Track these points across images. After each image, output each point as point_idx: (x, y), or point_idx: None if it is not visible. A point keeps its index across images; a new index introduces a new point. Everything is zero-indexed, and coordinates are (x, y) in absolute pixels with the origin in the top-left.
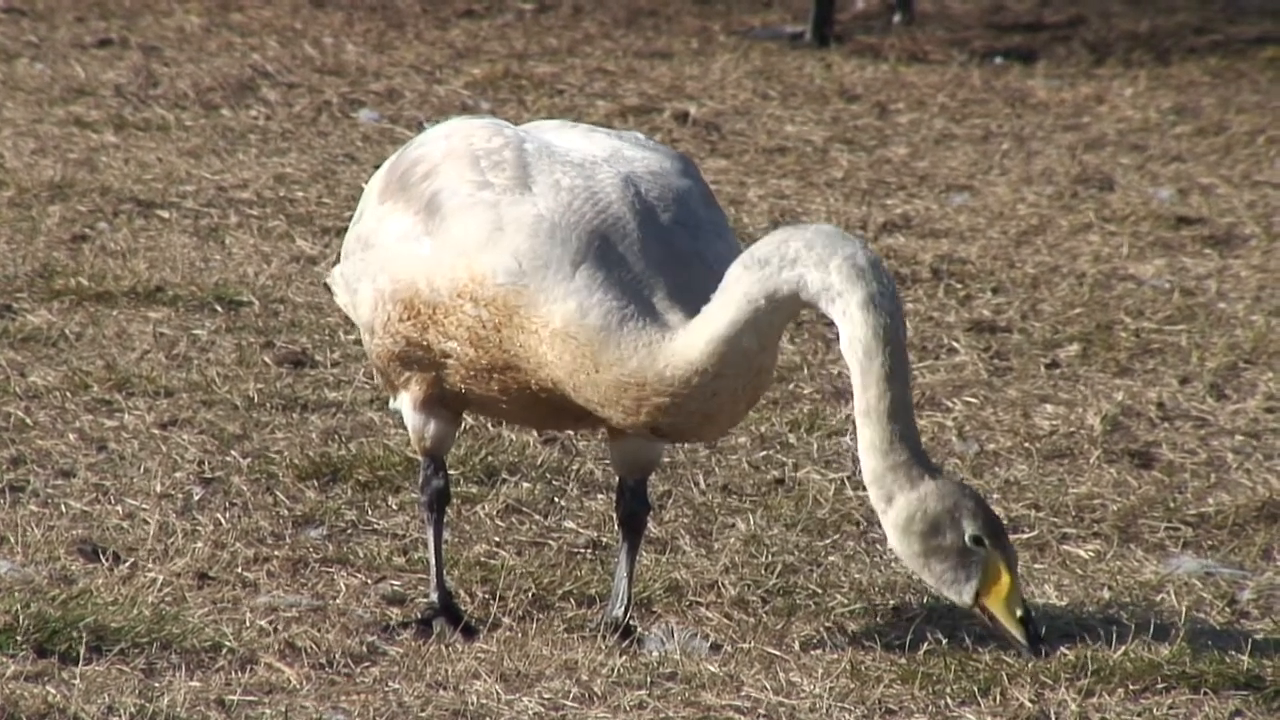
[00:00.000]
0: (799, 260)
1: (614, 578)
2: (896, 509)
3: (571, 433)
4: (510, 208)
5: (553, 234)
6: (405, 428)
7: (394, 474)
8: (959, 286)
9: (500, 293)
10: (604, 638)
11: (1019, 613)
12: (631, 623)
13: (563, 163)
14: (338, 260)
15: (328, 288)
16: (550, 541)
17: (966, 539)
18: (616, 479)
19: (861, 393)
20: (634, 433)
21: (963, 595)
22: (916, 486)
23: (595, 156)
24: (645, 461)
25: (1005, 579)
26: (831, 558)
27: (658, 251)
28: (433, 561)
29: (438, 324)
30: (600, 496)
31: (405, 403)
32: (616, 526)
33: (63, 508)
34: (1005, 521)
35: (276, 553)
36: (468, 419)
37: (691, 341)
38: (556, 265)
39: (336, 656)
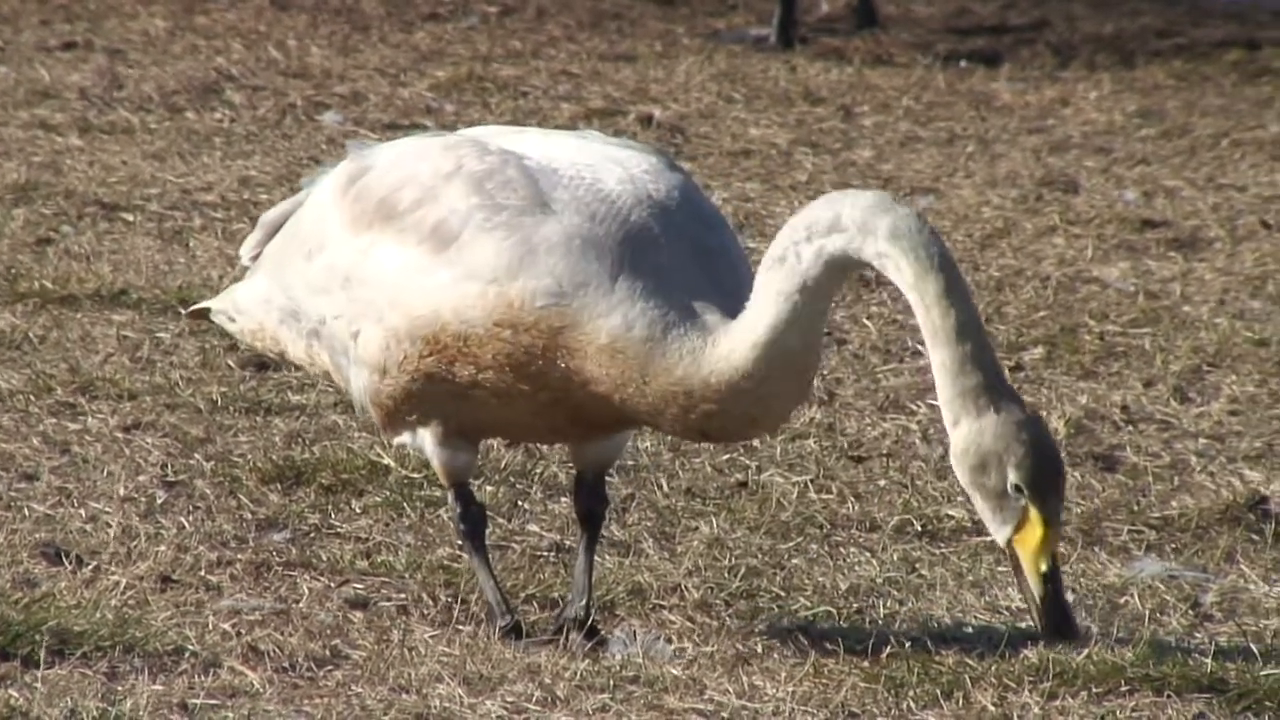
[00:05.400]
0: (812, 234)
1: (574, 573)
2: (956, 436)
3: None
4: (536, 228)
5: (586, 250)
6: (427, 460)
7: (357, 477)
8: None
9: (543, 316)
10: (566, 635)
11: (1043, 568)
12: (595, 621)
13: (569, 176)
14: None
15: (201, 314)
16: (514, 545)
17: (1008, 484)
18: (575, 473)
19: (925, 315)
20: (684, 438)
21: (998, 535)
22: (977, 418)
23: (590, 163)
24: (606, 458)
25: (1038, 532)
26: (795, 561)
27: (684, 251)
28: (490, 588)
29: (469, 355)
30: (564, 500)
31: (426, 439)
32: (576, 523)
33: (26, 511)
34: (1064, 480)
35: (240, 556)
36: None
37: (734, 347)
38: (597, 281)
39: (299, 660)
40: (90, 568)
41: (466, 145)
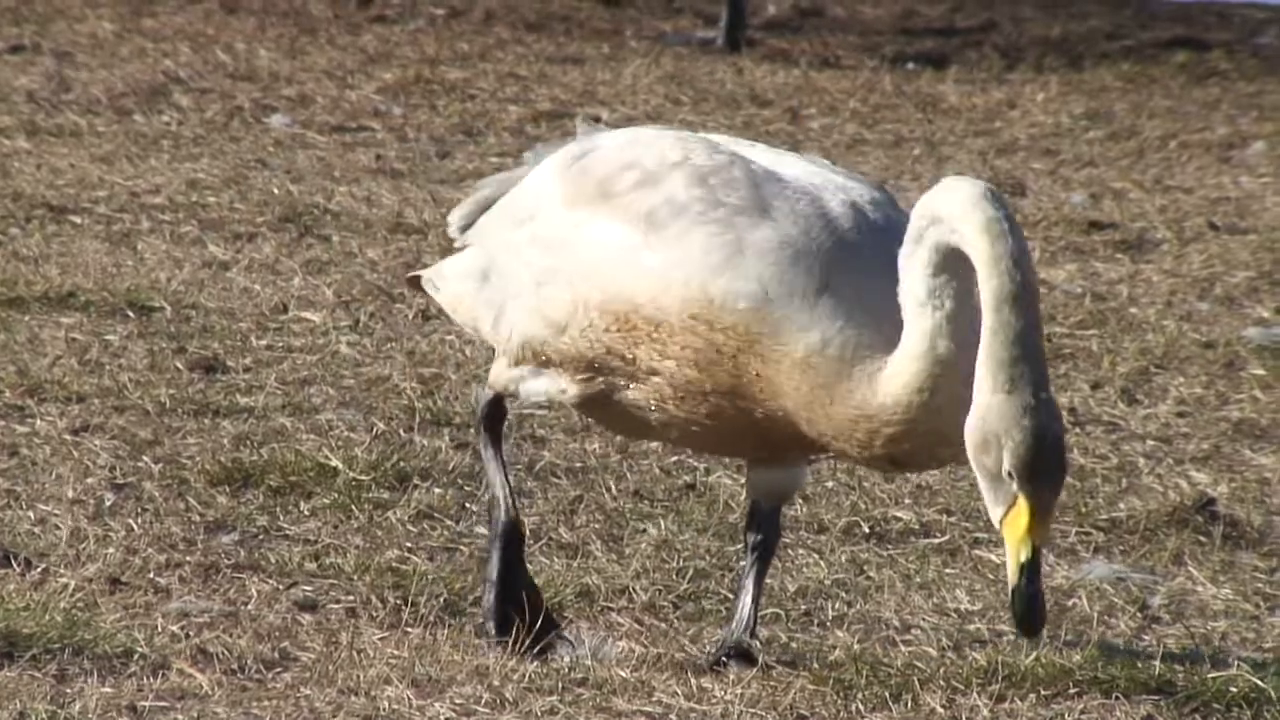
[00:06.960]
0: (921, 236)
1: (737, 603)
2: (971, 410)
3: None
4: (750, 230)
5: (797, 260)
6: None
7: (306, 479)
8: None
9: (742, 319)
10: (720, 660)
11: (1023, 557)
12: (753, 645)
13: (793, 188)
14: (417, 265)
15: (413, 283)
16: (462, 547)
17: (1004, 468)
18: (749, 501)
19: (980, 279)
20: (872, 467)
21: (993, 515)
22: (991, 395)
23: (815, 183)
24: (785, 489)
25: (1023, 521)
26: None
27: (890, 280)
28: (499, 482)
29: (658, 343)
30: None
31: (527, 374)
32: (745, 550)
33: None
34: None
35: (188, 558)
36: (388, 427)
37: (899, 365)
38: (802, 293)
39: (248, 662)
40: (39, 570)
41: (697, 141)
